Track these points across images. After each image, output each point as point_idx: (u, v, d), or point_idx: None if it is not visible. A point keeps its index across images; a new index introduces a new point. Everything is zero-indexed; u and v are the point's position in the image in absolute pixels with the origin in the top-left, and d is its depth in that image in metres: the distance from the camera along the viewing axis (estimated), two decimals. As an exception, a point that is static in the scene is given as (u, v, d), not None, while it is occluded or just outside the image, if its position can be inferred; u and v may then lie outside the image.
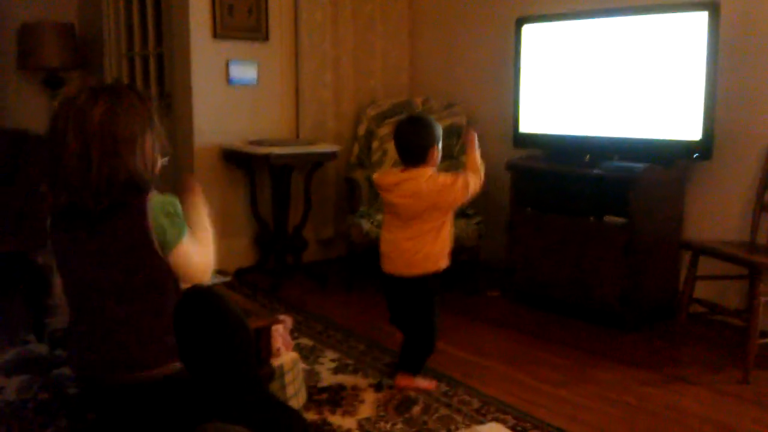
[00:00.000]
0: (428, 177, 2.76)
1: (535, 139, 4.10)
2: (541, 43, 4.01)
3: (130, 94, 1.76)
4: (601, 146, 3.76)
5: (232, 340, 1.66)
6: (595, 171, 3.62)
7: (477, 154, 2.89)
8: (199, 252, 1.82)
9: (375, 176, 3.05)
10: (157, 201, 1.73)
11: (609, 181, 3.56)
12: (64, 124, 1.65)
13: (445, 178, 2.78)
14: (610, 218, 3.56)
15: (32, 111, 5.37)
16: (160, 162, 1.83)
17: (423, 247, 2.77)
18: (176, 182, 1.94)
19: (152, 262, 1.73)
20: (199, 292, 1.73)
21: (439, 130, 2.85)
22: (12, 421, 2.50)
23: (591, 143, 3.80)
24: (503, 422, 2.58)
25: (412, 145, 2.81)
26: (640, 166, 3.52)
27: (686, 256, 3.44)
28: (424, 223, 2.76)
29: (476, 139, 2.92)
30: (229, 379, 1.61)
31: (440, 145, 2.84)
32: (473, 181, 2.79)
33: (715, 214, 3.67)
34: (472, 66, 4.80)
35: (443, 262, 2.83)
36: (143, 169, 1.72)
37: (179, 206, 1.77)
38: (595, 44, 3.76)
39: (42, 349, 3.13)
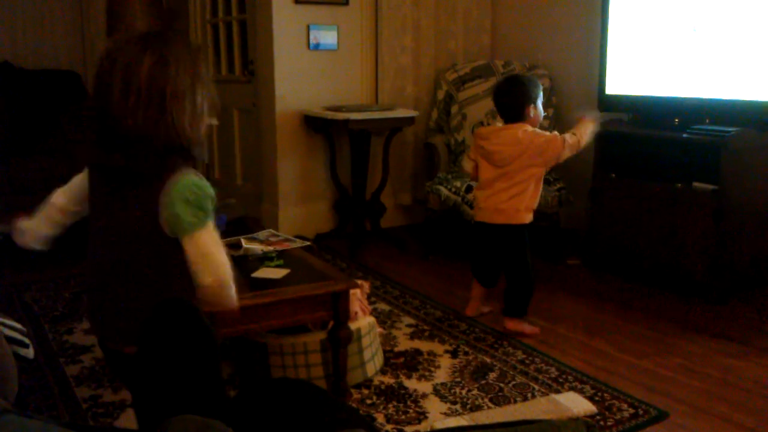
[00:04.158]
0: (524, 129, 2.94)
1: (621, 101, 3.95)
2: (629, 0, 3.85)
3: (180, 43, 1.60)
4: (691, 108, 3.59)
5: (199, 352, 1.52)
6: (684, 135, 3.47)
7: (591, 128, 2.99)
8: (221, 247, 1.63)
9: (477, 128, 3.33)
10: (181, 185, 1.54)
11: (699, 145, 3.41)
12: (110, 76, 1.53)
13: (542, 132, 2.96)
14: (699, 184, 3.41)
15: (122, 78, 5.56)
16: (207, 122, 1.66)
17: (513, 197, 2.96)
18: (258, 147, 1.84)
19: (156, 246, 1.60)
20: (172, 301, 1.58)
21: (536, 89, 3.00)
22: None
23: (681, 105, 3.64)
24: (581, 392, 2.54)
25: (508, 102, 2.99)
26: (732, 129, 3.35)
27: (781, 225, 3.28)
28: (515, 174, 2.94)
29: (597, 120, 3.05)
30: (190, 392, 1.50)
31: (539, 103, 3.01)
32: (569, 144, 2.91)
33: (815, 181, 3.48)
34: (556, 26, 4.66)
35: (528, 217, 3.02)
36: (189, 129, 1.57)
37: (206, 191, 1.57)
38: None
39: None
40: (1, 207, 3.79)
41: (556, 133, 2.98)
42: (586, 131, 2.97)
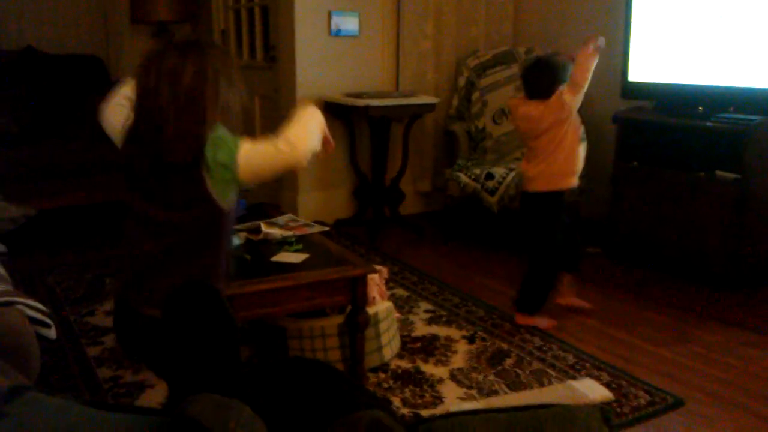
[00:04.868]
0: (537, 106, 2.93)
1: (644, 88, 3.91)
2: (652, -12, 3.81)
3: (215, 51, 1.73)
4: (715, 97, 3.55)
5: (220, 333, 1.59)
6: (708, 123, 3.44)
7: (588, 54, 2.86)
8: (270, 142, 1.76)
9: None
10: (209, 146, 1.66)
11: (722, 133, 3.38)
12: (156, 82, 1.63)
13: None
14: (721, 173, 3.38)
15: (144, 63, 5.59)
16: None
17: (537, 165, 2.97)
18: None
19: (204, 212, 1.69)
20: (194, 284, 1.65)
21: (564, 72, 2.93)
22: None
23: (705, 93, 3.60)
24: (597, 378, 2.54)
25: (536, 84, 2.97)
26: (756, 118, 3.31)
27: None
28: (538, 141, 2.95)
29: (597, 44, 2.90)
30: (209, 372, 1.55)
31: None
32: (567, 89, 2.85)
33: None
34: (579, 13, 4.61)
35: (563, 182, 2.99)
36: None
37: (226, 132, 1.69)
38: (712, -12, 3.54)
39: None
40: (24, 191, 3.84)
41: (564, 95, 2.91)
42: (581, 66, 2.86)
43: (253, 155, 1.69)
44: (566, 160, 2.95)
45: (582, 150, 3.03)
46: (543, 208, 3.03)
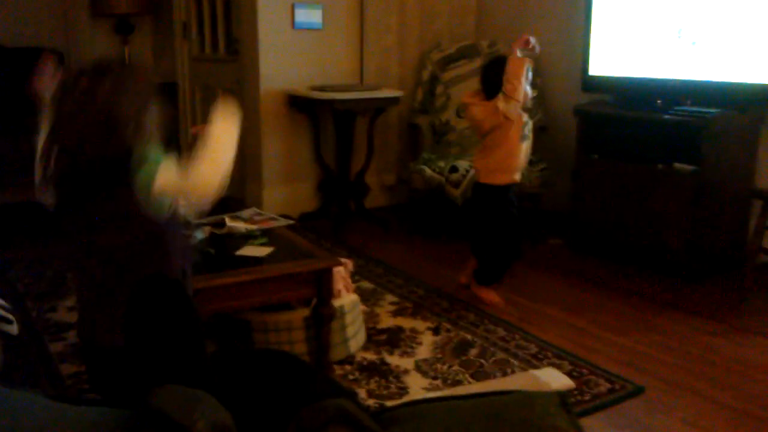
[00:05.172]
0: (485, 105, 3.03)
1: (604, 82, 3.98)
2: (612, -17, 3.86)
3: (127, 70, 1.76)
4: (673, 90, 3.63)
5: (184, 325, 1.60)
6: (666, 116, 3.51)
7: (516, 60, 2.90)
8: (191, 172, 1.66)
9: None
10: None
11: (680, 126, 3.45)
12: (71, 106, 1.63)
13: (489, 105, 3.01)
14: (679, 165, 3.45)
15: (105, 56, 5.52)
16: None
17: (481, 158, 3.15)
18: (242, 126, 1.85)
19: (140, 228, 1.67)
20: (154, 276, 1.65)
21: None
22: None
23: (663, 87, 3.67)
24: (559, 367, 2.59)
25: (491, 81, 3.02)
26: (713, 111, 3.39)
27: (757, 205, 3.32)
28: (484, 138, 3.11)
29: (525, 44, 2.94)
30: (174, 362, 1.57)
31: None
32: (501, 98, 2.93)
33: (792, 163, 3.52)
34: (541, 7, 4.66)
35: (501, 178, 3.11)
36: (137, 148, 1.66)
37: (149, 151, 1.66)
38: (669, -17, 3.60)
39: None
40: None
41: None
42: (508, 74, 2.91)
43: (167, 184, 1.63)
44: (505, 158, 3.08)
45: (525, 147, 3.12)
46: (486, 198, 3.18)
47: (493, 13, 5.06)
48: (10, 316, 1.93)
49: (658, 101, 3.65)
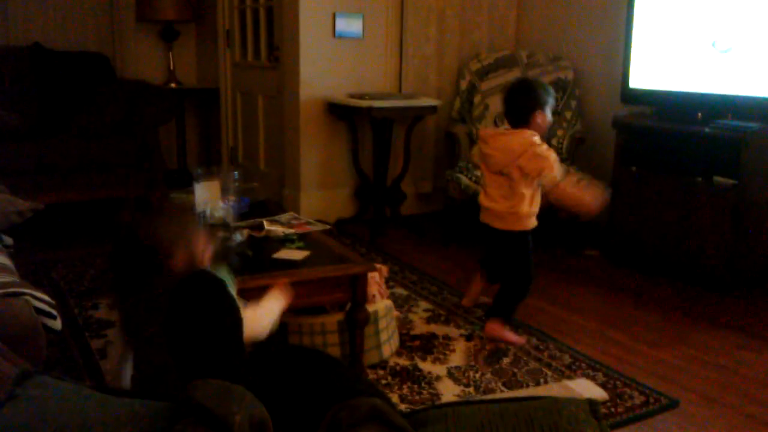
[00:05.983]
0: (523, 137, 2.79)
1: (644, 95, 3.96)
2: (654, -5, 3.85)
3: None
4: (714, 104, 3.59)
5: (224, 320, 1.62)
6: (706, 129, 3.48)
7: (579, 190, 2.81)
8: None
9: (480, 129, 3.16)
10: None
11: (720, 140, 3.42)
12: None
13: (540, 146, 2.78)
14: (719, 179, 3.42)
15: (149, 62, 5.66)
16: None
17: (511, 204, 2.85)
18: (282, 132, 1.90)
19: None
20: (198, 273, 1.68)
21: (547, 96, 2.84)
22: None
23: (704, 100, 3.64)
24: (593, 379, 2.58)
25: (515, 106, 2.86)
26: (754, 125, 3.36)
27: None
28: (514, 183, 2.81)
29: (593, 198, 2.82)
30: (213, 361, 1.58)
31: (548, 110, 2.84)
32: (557, 172, 2.76)
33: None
34: (581, 18, 4.66)
35: (528, 223, 2.90)
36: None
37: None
38: (712, -5, 3.58)
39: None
40: (31, 186, 3.89)
41: (554, 154, 2.80)
42: (574, 189, 2.80)
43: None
44: (532, 201, 2.88)
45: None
46: (516, 245, 2.94)
47: (532, 24, 5.06)
48: (54, 312, 1.99)
49: (699, 114, 3.62)
